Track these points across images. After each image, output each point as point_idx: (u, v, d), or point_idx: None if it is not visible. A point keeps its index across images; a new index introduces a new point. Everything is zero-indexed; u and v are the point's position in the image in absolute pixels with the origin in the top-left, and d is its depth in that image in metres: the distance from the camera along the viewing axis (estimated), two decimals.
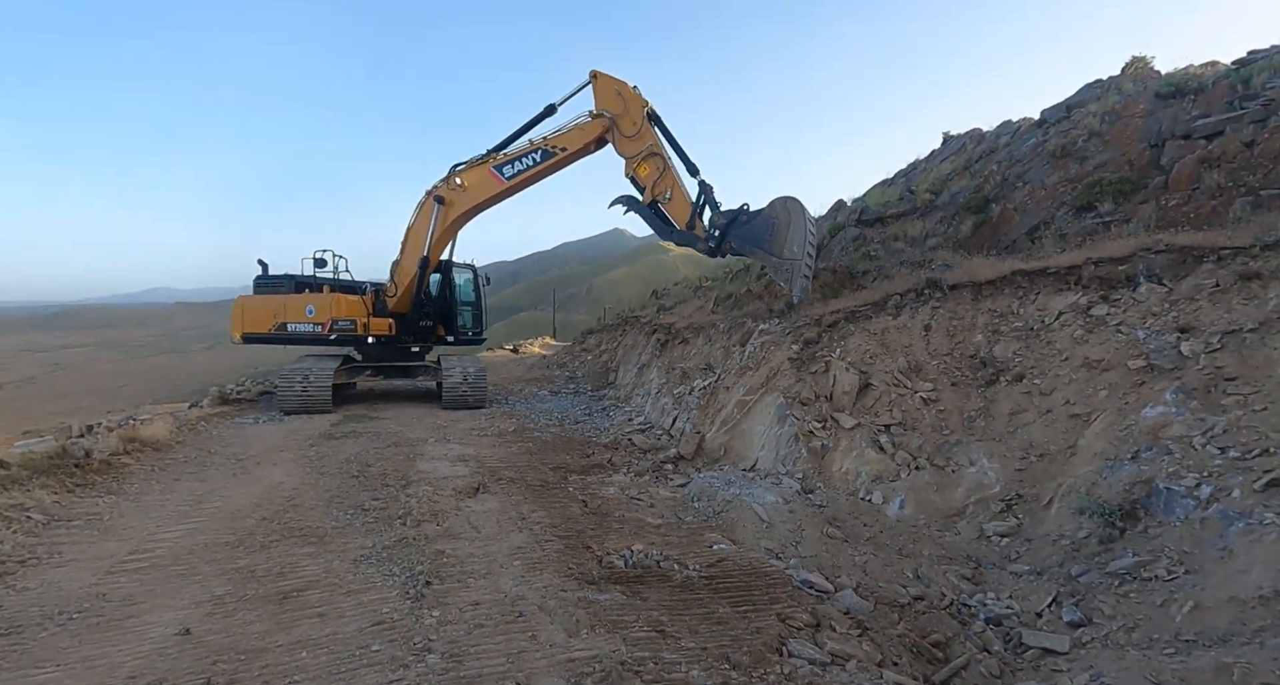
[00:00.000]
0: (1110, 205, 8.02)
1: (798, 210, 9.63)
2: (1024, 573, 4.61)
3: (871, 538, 5.46)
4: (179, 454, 7.51)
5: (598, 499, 6.42)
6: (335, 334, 11.79)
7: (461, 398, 11.80)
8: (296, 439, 8.68)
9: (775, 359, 8.37)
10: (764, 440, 7.51)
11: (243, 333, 12.57)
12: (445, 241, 12.66)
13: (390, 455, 7.74)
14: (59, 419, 37.32)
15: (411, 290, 12.52)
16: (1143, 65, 10.35)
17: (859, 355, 7.69)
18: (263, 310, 12.39)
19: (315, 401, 11.03)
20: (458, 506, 5.79)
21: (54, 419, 42.20)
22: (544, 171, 11.73)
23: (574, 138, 11.35)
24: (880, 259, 11.16)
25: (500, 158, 11.81)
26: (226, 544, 4.68)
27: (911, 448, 6.42)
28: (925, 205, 12.49)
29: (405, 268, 12.55)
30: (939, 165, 15.20)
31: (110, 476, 6.23)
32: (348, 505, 5.74)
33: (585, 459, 8.29)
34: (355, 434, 9.03)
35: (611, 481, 7.16)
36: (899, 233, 12.03)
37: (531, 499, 6.23)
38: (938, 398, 6.83)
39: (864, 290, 9.71)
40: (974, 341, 7.35)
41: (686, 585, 4.36)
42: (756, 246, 9.90)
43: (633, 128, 10.88)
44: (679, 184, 10.76)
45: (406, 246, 12.53)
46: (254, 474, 6.79)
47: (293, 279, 12.63)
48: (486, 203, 12.18)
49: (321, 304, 11.96)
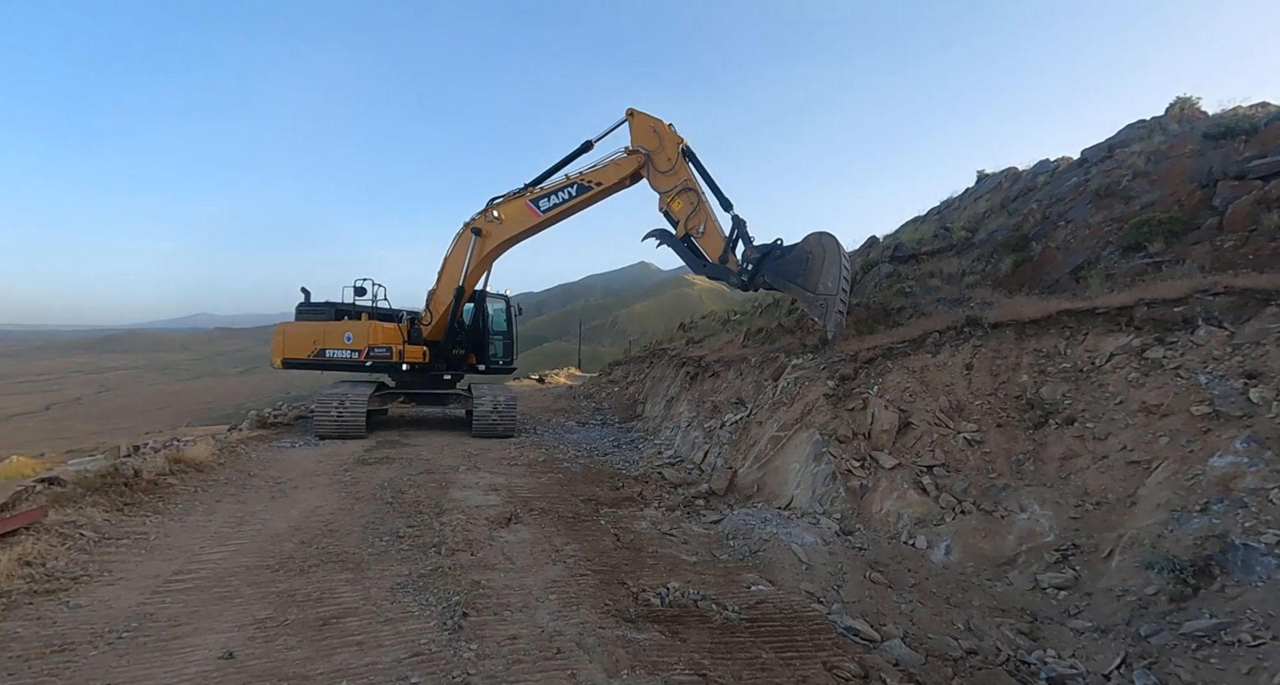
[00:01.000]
0: (1161, 245, 7.84)
1: (833, 245, 9.65)
2: (1086, 630, 4.35)
3: (917, 584, 5.24)
4: (220, 475, 7.69)
5: (630, 533, 6.34)
6: (371, 361, 12.09)
7: (491, 426, 11.90)
8: (332, 464, 8.82)
9: (810, 395, 8.26)
10: (799, 478, 7.35)
11: (283, 358, 12.98)
12: (480, 272, 13.00)
13: (423, 482, 7.80)
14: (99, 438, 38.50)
15: (446, 319, 12.83)
16: (1188, 105, 10.26)
17: (898, 393, 7.55)
18: (303, 336, 12.80)
19: (350, 427, 11.24)
20: (491, 536, 5.77)
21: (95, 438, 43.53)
22: (579, 205, 12.05)
23: (609, 173, 11.67)
24: (916, 296, 11.05)
25: (536, 191, 12.20)
26: (267, 567, 4.74)
27: (956, 490, 6.20)
28: (961, 243, 12.38)
29: (440, 297, 12.90)
30: (973, 203, 15.12)
31: (156, 496, 6.40)
32: (383, 532, 5.77)
33: (615, 492, 8.22)
34: (388, 460, 9.13)
35: (643, 516, 7.07)
36: (934, 270, 11.91)
37: (564, 531, 6.18)
38: (982, 439, 6.62)
39: (900, 327, 9.60)
40: (1019, 382, 7.16)
41: (727, 627, 4.24)
42: (790, 281, 9.92)
43: (667, 163, 11.15)
44: (712, 218, 10.92)
45: (442, 276, 12.91)
46: (292, 497, 6.90)
47: (333, 306, 13.08)
48: (521, 235, 12.53)
49: (359, 331, 12.31)
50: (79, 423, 75.42)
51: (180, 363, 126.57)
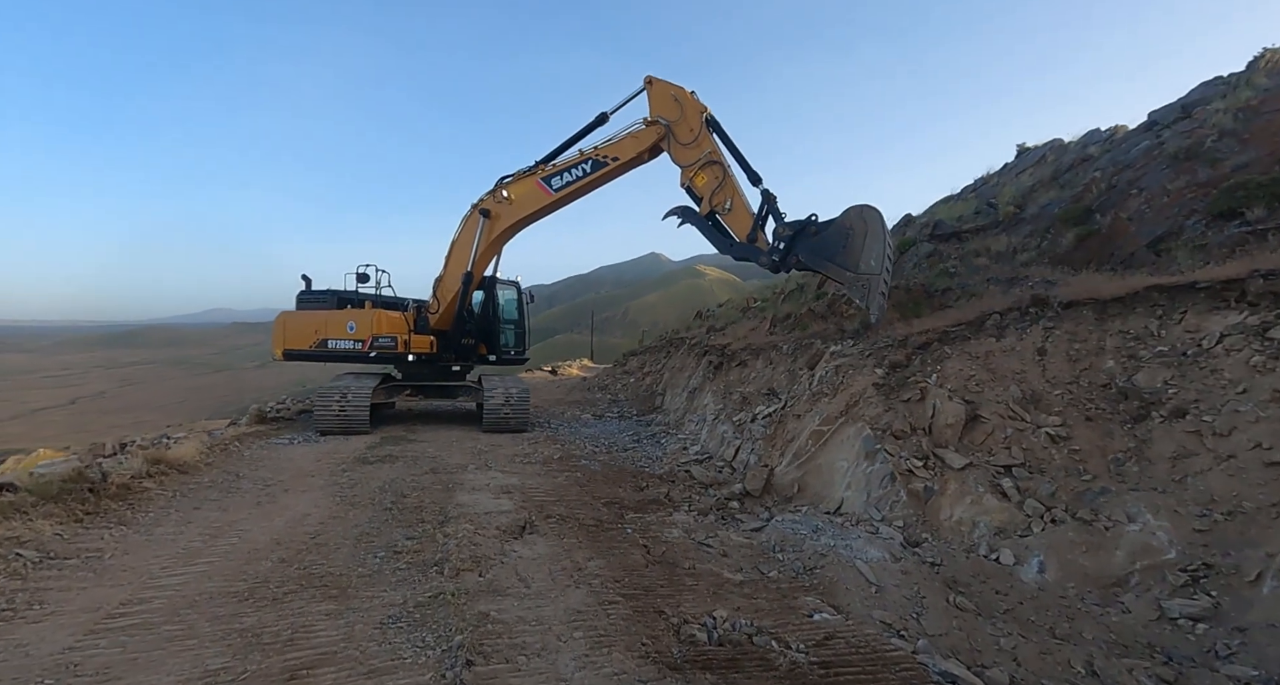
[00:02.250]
0: (1262, 211, 6.79)
1: (876, 220, 8.66)
2: (1250, 680, 3.43)
3: (1011, 611, 4.34)
4: (205, 477, 6.92)
5: (661, 544, 5.48)
6: (375, 351, 11.29)
7: (503, 420, 11.09)
8: (329, 463, 8.05)
9: (856, 385, 7.33)
10: (849, 478, 6.44)
11: (284, 349, 12.23)
12: (490, 257, 12.12)
13: (427, 484, 6.99)
14: (121, 432, 38.31)
15: (454, 307, 11.99)
16: (1276, 57, 9.11)
17: (960, 381, 6.59)
18: (305, 326, 12.03)
19: (352, 422, 10.47)
20: (502, 551, 4.94)
21: (118, 432, 43.43)
22: (594, 183, 11.11)
23: (627, 147, 10.71)
24: (961, 276, 10.05)
25: (548, 169, 11.27)
26: (235, 594, 3.93)
27: (1042, 495, 5.26)
28: (1008, 219, 11.32)
29: (448, 283, 12.04)
30: (1015, 178, 13.99)
31: (126, 503, 5.63)
32: (378, 545, 4.96)
33: (640, 493, 7.37)
34: (391, 458, 8.34)
35: (673, 522, 6.21)
36: (979, 248, 10.88)
37: (586, 542, 5.33)
38: (1069, 435, 5.66)
39: (949, 310, 8.62)
40: (1104, 368, 6.18)
41: (795, 674, 3.36)
42: (828, 260, 8.94)
43: (690, 135, 10.17)
44: (739, 194, 9.95)
45: (450, 261, 12.04)
46: (280, 503, 6.11)
47: (335, 294, 12.28)
48: (533, 216, 11.62)
49: (362, 320, 11.51)
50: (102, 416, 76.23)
51: (199, 357, 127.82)
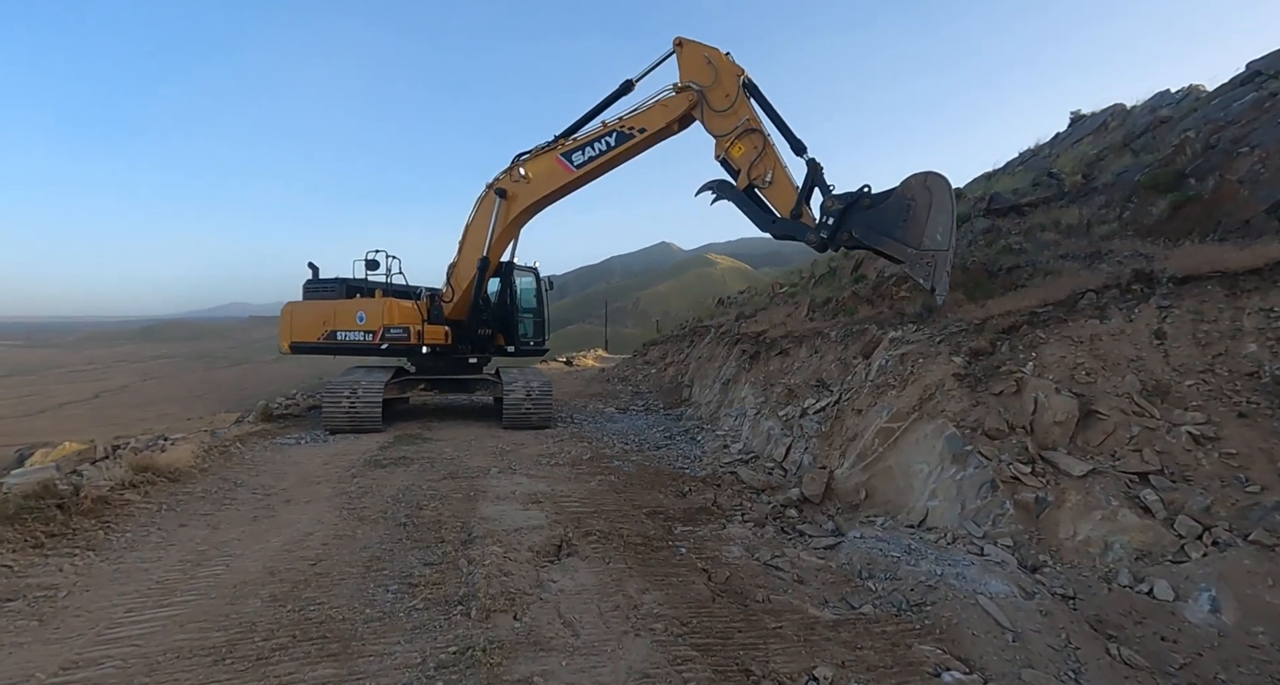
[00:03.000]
0: None
1: (942, 189, 7.60)
2: None
3: (1190, 666, 3.38)
4: (198, 486, 6.12)
5: (723, 567, 4.58)
6: (387, 343, 10.45)
7: (524, 417, 10.23)
8: (338, 466, 7.23)
9: (931, 375, 6.35)
10: (934, 484, 5.49)
11: (291, 342, 11.44)
12: (506, 240, 11.21)
13: (446, 492, 6.14)
14: (146, 424, 37.80)
15: (469, 295, 11.11)
16: None
17: (1065, 371, 5.58)
18: (312, 317, 11.21)
19: (364, 419, 9.67)
20: (539, 581, 4.06)
21: (142, 424, 43.12)
22: (619, 157, 10.11)
23: (655, 116, 9.69)
24: (1028, 252, 8.95)
25: (569, 144, 10.28)
26: (210, 652, 3.08)
27: (1195, 510, 4.28)
28: (1076, 189, 10.19)
29: (462, 270, 11.16)
30: (1072, 147, 12.80)
31: (101, 521, 4.82)
32: (390, 575, 4.11)
33: (683, 499, 6.47)
34: (406, 461, 7.51)
35: (729, 536, 5.30)
36: (1044, 222, 9.77)
37: (635, 565, 4.45)
38: (1217, 434, 4.66)
39: (1026, 289, 7.58)
40: (1246, 353, 5.14)
41: None
42: (886, 235, 7.91)
43: (725, 101, 9.13)
44: (782, 165, 8.91)
45: (464, 246, 11.15)
46: (279, 517, 5.29)
47: (344, 283, 11.44)
48: (553, 195, 10.65)
49: (373, 310, 10.66)
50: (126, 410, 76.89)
51: (218, 351, 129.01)
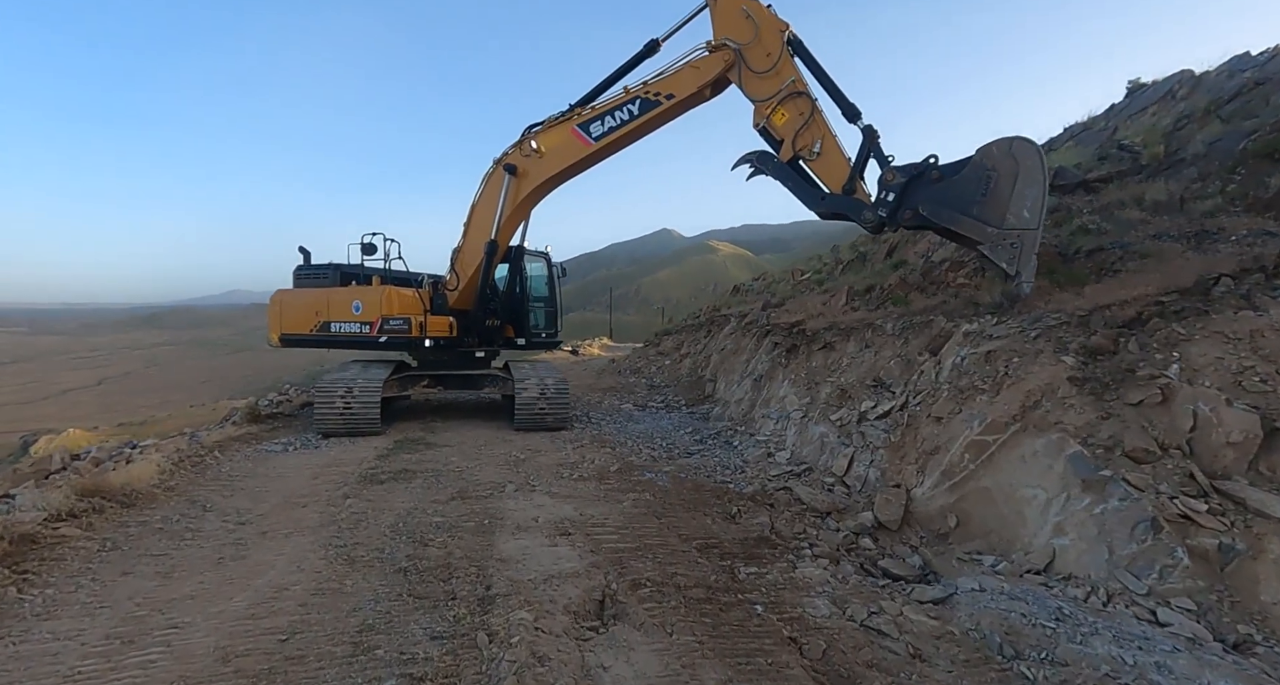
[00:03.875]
0: None
1: (1030, 156, 6.44)
2: None
3: None
4: (157, 512, 5.05)
5: (812, 631, 3.52)
6: (386, 336, 9.36)
7: (538, 417, 9.16)
8: (329, 481, 6.17)
9: (1033, 378, 5.25)
10: (1057, 517, 4.41)
11: (281, 334, 10.35)
12: (516, 222, 10.07)
13: (456, 519, 5.08)
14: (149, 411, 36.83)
15: (476, 282, 9.99)
16: None
17: (1227, 376, 4.48)
18: (303, 307, 10.11)
19: (360, 422, 8.61)
20: (585, 668, 3.01)
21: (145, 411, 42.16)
22: (644, 127, 8.93)
23: (685, 80, 8.49)
24: (1110, 233, 7.82)
25: (586, 113, 9.09)
26: None
27: None
28: (1156, 162, 9.01)
29: (468, 255, 10.03)
30: (1134, 118, 11.56)
31: (16, 570, 3.74)
32: (385, 656, 3.05)
33: (734, 524, 5.42)
34: (407, 474, 6.45)
35: (805, 581, 4.25)
36: (1123, 199, 8.60)
37: (705, 636, 3.39)
38: None
39: (1125, 274, 6.47)
40: None
41: None
42: (960, 212, 6.76)
43: (766, 61, 7.93)
44: (832, 133, 7.73)
45: (470, 228, 10.01)
46: (250, 559, 4.23)
47: (338, 269, 10.31)
48: (569, 170, 9.48)
49: (370, 299, 9.56)
50: (130, 396, 76.33)
51: (221, 338, 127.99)
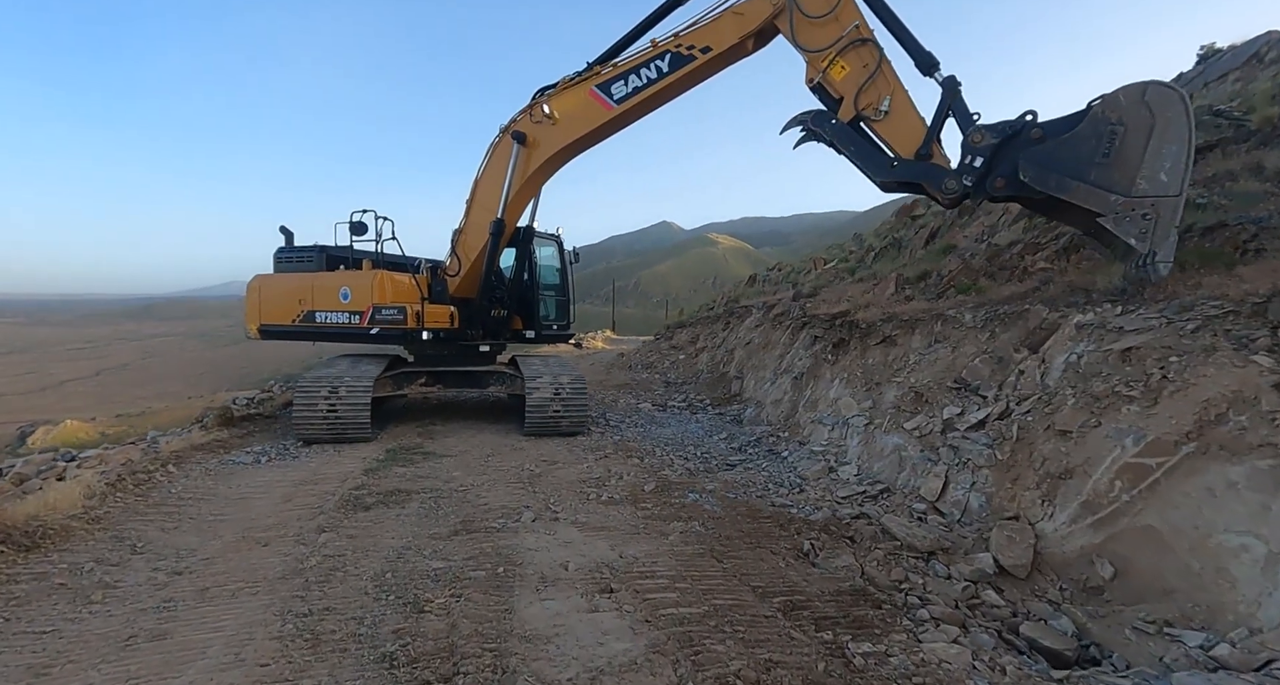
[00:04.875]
0: None
1: (1171, 104, 5.15)
2: None
3: None
4: (67, 557, 3.80)
5: None
6: (378, 327, 8.10)
7: (552, 421, 7.92)
8: (302, 507, 4.92)
9: (1211, 383, 4.02)
10: None
11: (260, 325, 9.08)
12: (526, 198, 8.78)
13: (461, 565, 3.83)
14: (146, 403, 35.23)
15: (480, 267, 8.72)
16: None
17: None
18: (285, 294, 8.84)
19: (348, 426, 7.35)
20: None
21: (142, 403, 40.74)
22: (674, 87, 7.61)
23: (724, 29, 7.17)
24: (1226, 207, 6.57)
25: (607, 72, 7.77)
26: None
27: None
28: (1267, 128, 7.75)
29: (471, 236, 8.75)
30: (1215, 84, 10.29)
31: None
32: None
33: (810, 566, 4.21)
34: (400, 497, 5.20)
35: (942, 666, 3.03)
36: (1231, 169, 7.37)
37: None
38: None
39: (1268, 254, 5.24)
40: None
41: None
42: (1074, 177, 5.47)
43: (823, 3, 6.61)
44: (903, 89, 6.45)
45: (473, 206, 8.72)
46: (172, 639, 2.97)
47: (323, 251, 9.01)
48: (587, 139, 8.17)
49: (360, 285, 8.28)
50: (127, 388, 74.91)
51: (218, 329, 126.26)
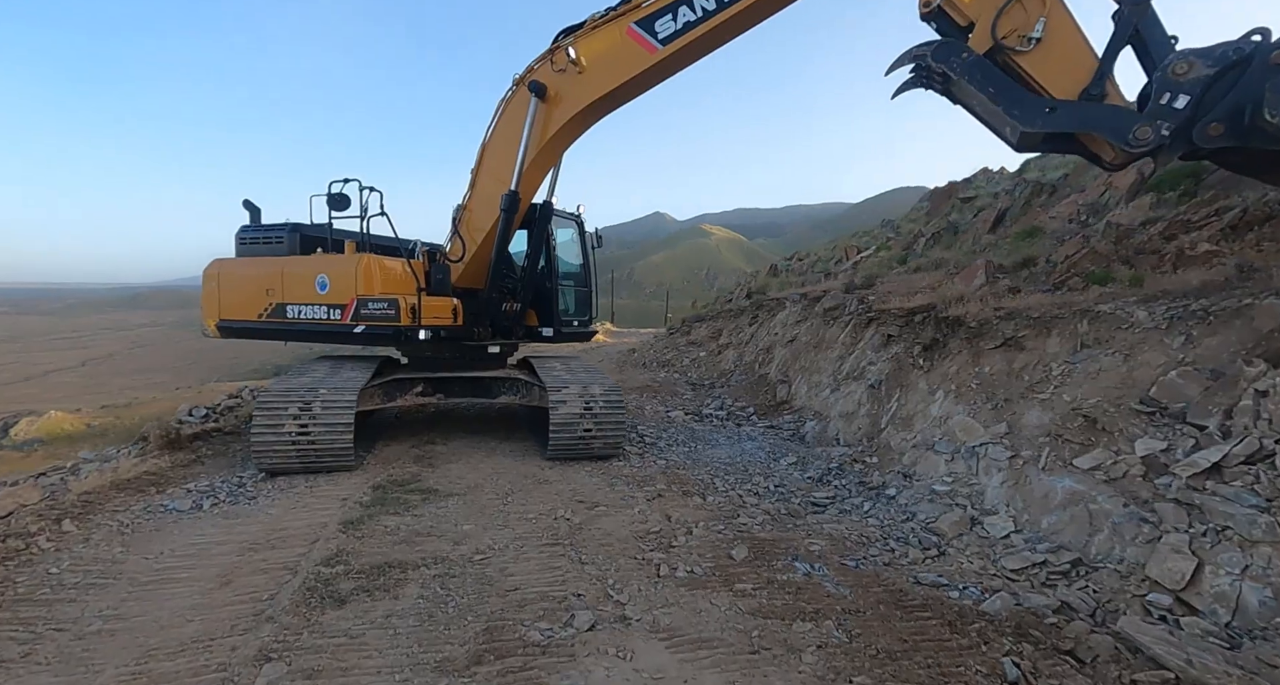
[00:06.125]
0: None
1: None
2: None
3: None
4: None
5: None
6: (363, 324, 6.38)
7: (582, 442, 6.24)
8: (239, 605, 3.23)
9: None
10: None
11: (219, 321, 7.32)
12: (544, 167, 7.03)
13: None
14: (133, 393, 32.95)
15: (489, 251, 6.98)
16: None
17: None
18: (249, 283, 7.07)
19: (323, 453, 5.64)
20: None
21: (129, 393, 38.58)
22: (738, 20, 5.84)
23: None
24: None
25: (648, 5, 6.02)
26: None
27: None
28: None
29: (478, 213, 7.01)
30: None
31: None
32: None
33: None
34: (390, 580, 3.52)
35: None
36: None
37: None
38: None
39: None
40: None
41: None
42: None
43: None
44: (1063, 6, 4.76)
45: (480, 176, 6.98)
46: None
47: (298, 231, 7.24)
48: (621, 91, 6.39)
49: (340, 273, 6.54)
50: (113, 378, 72.26)
51: None
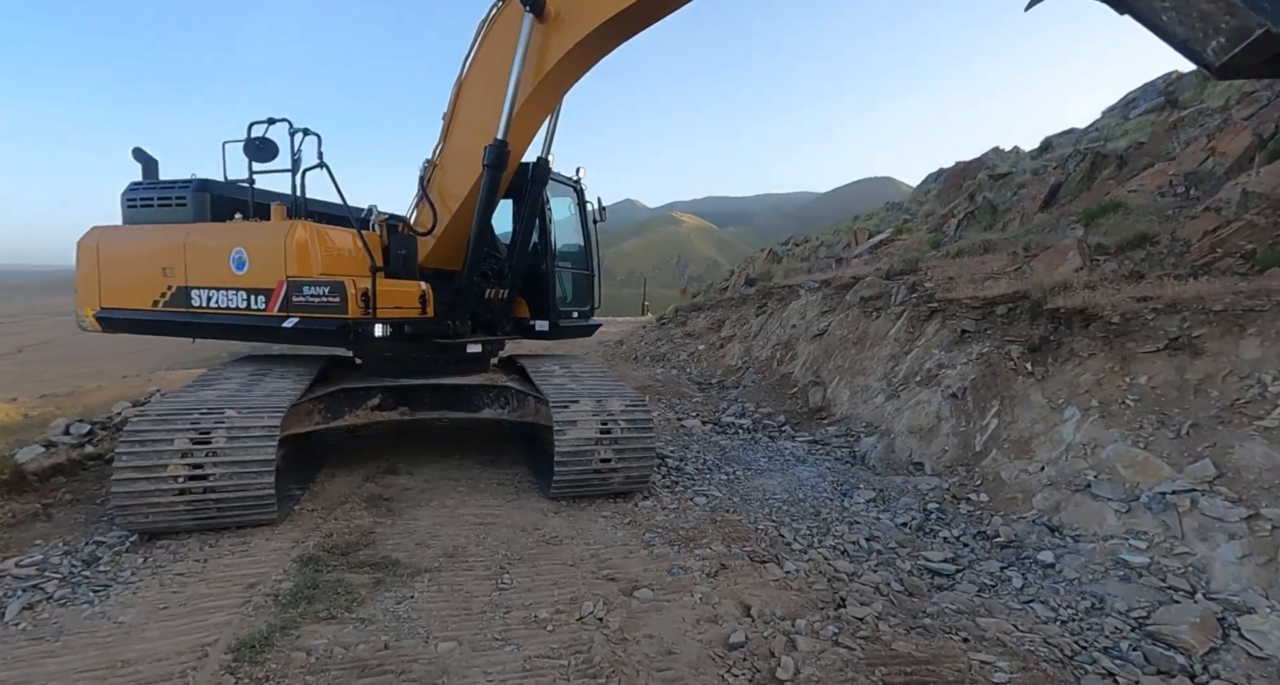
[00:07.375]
0: None
1: None
2: None
3: None
4: None
5: None
6: (297, 317, 4.54)
7: (597, 476, 4.56)
8: None
9: None
10: None
11: (98, 311, 5.34)
12: (540, 112, 5.23)
13: None
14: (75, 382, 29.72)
15: (469, 221, 5.19)
16: None
17: None
18: (139, 260, 5.14)
19: (229, 505, 3.83)
20: None
21: (71, 382, 35.28)
22: None
23: None
24: None
25: None
26: None
27: None
28: None
29: (454, 171, 5.19)
30: None
31: None
32: None
33: None
34: None
35: None
36: None
37: None
38: None
39: None
40: None
41: None
42: None
43: None
44: None
45: (456, 123, 5.14)
46: None
47: (206, 188, 5.26)
48: (646, 8, 4.66)
49: (264, 247, 4.66)
50: (53, 365, 66.87)
51: None
